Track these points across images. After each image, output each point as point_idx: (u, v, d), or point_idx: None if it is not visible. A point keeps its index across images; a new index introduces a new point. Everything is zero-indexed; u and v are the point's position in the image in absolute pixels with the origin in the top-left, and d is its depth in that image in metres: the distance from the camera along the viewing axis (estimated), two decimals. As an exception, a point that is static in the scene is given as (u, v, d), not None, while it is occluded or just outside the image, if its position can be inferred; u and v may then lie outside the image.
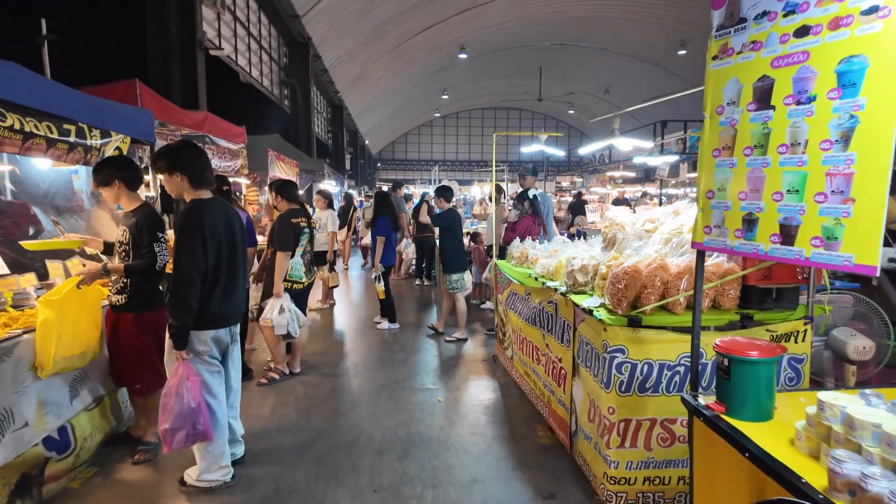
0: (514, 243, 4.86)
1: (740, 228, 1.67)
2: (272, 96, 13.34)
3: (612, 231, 3.18)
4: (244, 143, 7.23)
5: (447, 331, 6.25)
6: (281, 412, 4.16)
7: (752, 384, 1.64)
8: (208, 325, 2.94)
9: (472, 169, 38.47)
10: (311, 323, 5.02)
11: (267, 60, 12.94)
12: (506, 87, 31.21)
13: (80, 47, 8.55)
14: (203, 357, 2.96)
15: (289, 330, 4.53)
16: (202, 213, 2.87)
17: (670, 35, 20.13)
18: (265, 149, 8.07)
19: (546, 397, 3.75)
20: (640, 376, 2.69)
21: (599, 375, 2.80)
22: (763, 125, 1.58)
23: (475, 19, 19.70)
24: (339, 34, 15.56)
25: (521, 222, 5.45)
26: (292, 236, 4.66)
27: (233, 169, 6.88)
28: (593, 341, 2.90)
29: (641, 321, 2.68)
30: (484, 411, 4.15)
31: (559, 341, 3.46)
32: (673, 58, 21.69)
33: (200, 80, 7.70)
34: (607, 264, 2.96)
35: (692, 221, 3.09)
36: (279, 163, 8.45)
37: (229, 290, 3.02)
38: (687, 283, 2.72)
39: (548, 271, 3.85)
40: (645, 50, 22.97)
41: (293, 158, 10.26)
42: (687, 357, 2.69)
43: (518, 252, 4.74)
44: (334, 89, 18.62)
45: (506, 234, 5.58)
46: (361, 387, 4.70)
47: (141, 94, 4.77)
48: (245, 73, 11.43)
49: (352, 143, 24.47)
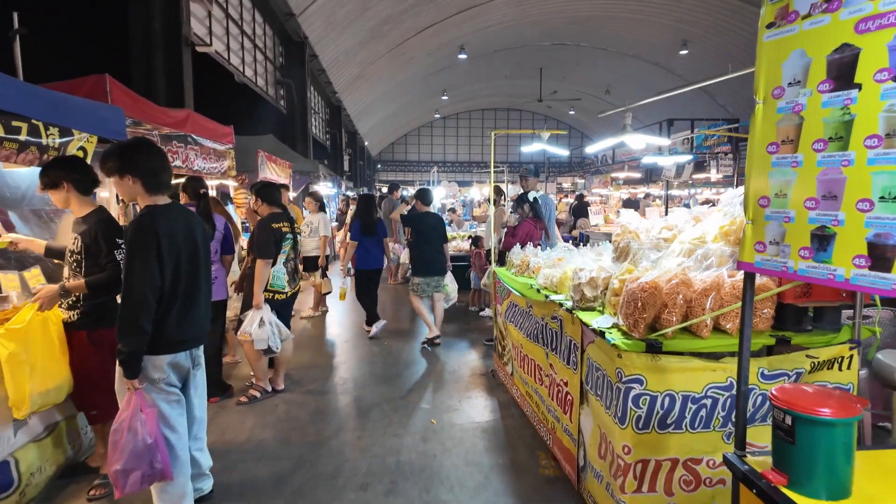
0: (514, 250, 4.46)
1: (808, 247, 1.27)
2: (267, 96, 12.95)
3: (625, 239, 2.79)
4: (232, 143, 6.84)
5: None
6: (259, 436, 3.77)
7: (824, 451, 1.25)
8: (165, 349, 2.55)
9: (472, 170, 38.07)
10: (294, 336, 4.62)
11: (261, 60, 12.54)
12: (506, 88, 30.81)
13: (58, 43, 8.17)
14: (159, 385, 2.56)
15: (269, 345, 4.14)
16: (158, 221, 2.49)
17: (672, 35, 19.73)
18: (256, 150, 7.68)
19: (550, 423, 3.35)
20: (660, 410, 2.30)
21: (613, 408, 2.40)
22: (843, 111, 1.18)
23: (475, 19, 19.32)
24: (336, 33, 15.17)
25: (521, 226, 5.06)
26: (273, 242, 4.27)
27: (219, 171, 6.49)
28: (605, 367, 2.51)
29: (662, 346, 2.29)
30: (482, 435, 3.75)
31: (565, 363, 3.07)
32: (674, 58, 21.27)
33: (186, 78, 7.31)
34: (620, 278, 2.57)
35: (716, 229, 2.71)
36: (271, 164, 8.06)
37: (189, 308, 2.63)
38: (714, 302, 2.33)
39: (551, 282, 3.46)
40: (646, 50, 22.57)
41: (287, 160, 9.88)
42: (715, 388, 2.29)
43: (518, 260, 4.34)
44: (332, 89, 18.22)
45: (505, 240, 5.19)
46: (349, 406, 4.30)
47: (111, 90, 4.37)
48: (239, 72, 11.05)
49: (350, 144, 24.07)
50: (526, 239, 4.81)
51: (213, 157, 6.43)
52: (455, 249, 7.87)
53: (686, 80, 23.76)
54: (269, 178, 8.13)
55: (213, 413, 4.11)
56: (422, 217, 5.91)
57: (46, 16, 7.98)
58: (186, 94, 7.34)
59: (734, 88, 19.95)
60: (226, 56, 10.31)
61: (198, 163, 5.95)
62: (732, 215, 2.65)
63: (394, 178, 35.73)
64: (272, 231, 4.29)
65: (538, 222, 5.15)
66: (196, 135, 5.92)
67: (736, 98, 21.15)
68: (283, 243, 4.37)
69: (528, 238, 4.85)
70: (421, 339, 6.20)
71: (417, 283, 5.85)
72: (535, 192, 5.20)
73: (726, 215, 2.69)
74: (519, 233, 4.96)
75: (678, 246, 2.58)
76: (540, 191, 5.33)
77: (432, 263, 5.79)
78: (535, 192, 5.20)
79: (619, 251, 2.81)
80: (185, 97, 7.27)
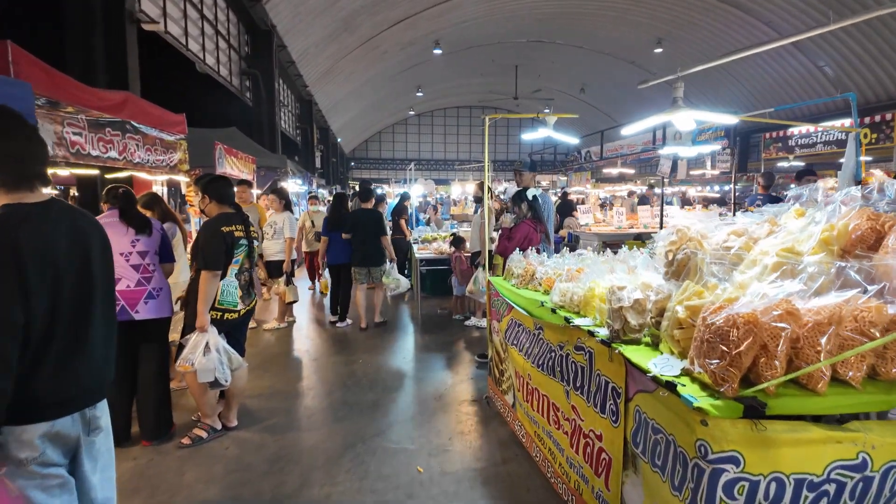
0: (513, 256, 3.69)
1: None
2: (231, 87, 11.90)
3: (685, 249, 2.05)
4: (184, 133, 5.91)
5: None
6: (201, 496, 2.92)
7: None
8: (35, 415, 1.70)
9: (450, 168, 37.28)
10: (247, 364, 3.76)
11: (225, 48, 11.50)
12: (481, 86, 30.08)
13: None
14: (29, 468, 1.71)
15: (216, 376, 3.29)
16: (20, 230, 1.64)
17: (646, 33, 19.30)
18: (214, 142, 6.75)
19: (573, 482, 2.60)
20: (762, 502, 1.56)
21: (687, 493, 1.65)
22: None
23: (449, 13, 18.53)
24: (305, 24, 14.16)
25: (519, 228, 4.31)
26: (222, 250, 3.41)
27: (167, 164, 5.56)
28: (673, 432, 1.76)
29: (766, 408, 1.55)
30: (481, 489, 2.98)
31: (597, 409, 2.32)
32: (649, 56, 20.86)
33: (131, 58, 6.31)
34: (689, 304, 1.82)
35: (811, 236, 1.99)
36: (231, 158, 7.12)
37: (76, 352, 1.78)
38: (830, 341, 1.61)
39: (571, 301, 2.70)
40: (620, 48, 22.13)
41: (252, 154, 8.93)
42: (841, 467, 1.57)
43: (521, 268, 3.57)
44: (303, 83, 17.17)
45: (500, 243, 4.43)
46: (316, 449, 3.47)
47: (15, 60, 3.43)
48: (199, 60, 10.02)
49: (323, 140, 22.99)
50: (525, 243, 4.06)
51: (159, 149, 5.51)
52: (436, 252, 7.06)
53: (660, 78, 23.40)
54: (230, 173, 7.21)
55: (145, 462, 3.24)
56: (360, 214, 6.29)
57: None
58: (131, 77, 6.36)
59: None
60: (183, 41, 9.28)
61: (139, 154, 5.03)
62: (829, 218, 1.94)
63: (368, 175, 34.66)
64: (221, 236, 3.43)
65: (538, 224, 4.40)
66: (137, 122, 4.97)
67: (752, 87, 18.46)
68: (236, 250, 3.52)
69: (528, 242, 4.11)
70: (399, 354, 5.42)
71: (355, 272, 6.29)
72: (534, 189, 4.44)
73: (816, 221, 1.96)
74: (516, 236, 4.21)
75: (765, 259, 1.85)
76: (539, 188, 4.58)
77: (366, 256, 6.20)
78: (535, 189, 4.45)
79: (677, 265, 2.08)
80: (128, 80, 6.29)
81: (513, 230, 4.30)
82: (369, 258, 6.19)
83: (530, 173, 4.93)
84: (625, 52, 22.30)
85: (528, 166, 5.45)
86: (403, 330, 6.47)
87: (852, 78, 13.98)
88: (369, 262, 6.20)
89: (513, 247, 3.94)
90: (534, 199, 4.42)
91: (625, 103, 26.45)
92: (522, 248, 3.94)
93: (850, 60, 13.66)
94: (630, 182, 13.87)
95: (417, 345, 5.82)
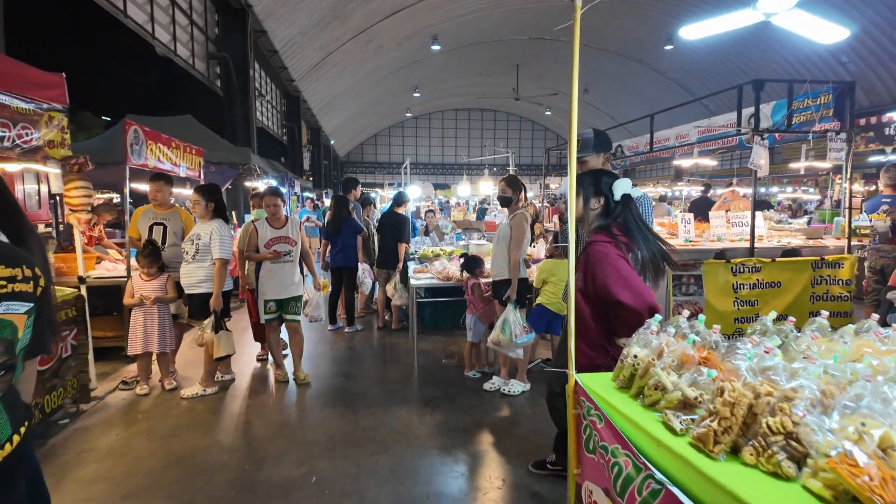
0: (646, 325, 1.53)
1: None
2: (195, 72, 9.71)
3: None
4: (64, 103, 3.74)
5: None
6: None
7: None
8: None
9: (448, 172, 35.13)
10: None
11: (186, 24, 9.33)
12: (481, 87, 27.92)
13: None
14: None
15: None
16: None
17: (656, 29, 17.17)
18: (125, 123, 4.56)
19: None
20: None
21: None
22: None
23: (448, 5, 16.41)
24: (289, 7, 11.96)
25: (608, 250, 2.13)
26: None
27: (20, 147, 3.39)
28: None
29: None
30: None
31: None
32: (659, 54, 18.74)
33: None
34: None
35: None
36: (155, 146, 4.92)
37: None
38: None
39: None
40: (628, 46, 20.06)
41: (206, 146, 6.75)
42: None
43: (641, 357, 1.41)
44: (288, 76, 14.97)
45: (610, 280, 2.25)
46: None
47: None
48: (147, 33, 7.85)
49: (313, 140, 20.76)
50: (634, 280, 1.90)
51: (4, 121, 3.34)
52: (439, 276, 4.86)
53: (670, 78, 21.34)
54: (156, 167, 5.02)
55: None
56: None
57: None
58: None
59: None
60: (120, 6, 7.10)
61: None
62: None
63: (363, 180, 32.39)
64: None
65: (631, 243, 2.23)
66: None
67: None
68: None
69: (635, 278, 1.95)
70: (385, 464, 3.26)
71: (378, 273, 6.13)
72: (626, 186, 2.27)
73: None
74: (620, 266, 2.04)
75: None
76: (636, 185, 2.37)
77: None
78: (626, 185, 2.28)
79: None
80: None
81: (598, 250, 2.11)
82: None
83: (601, 154, 2.82)
84: (632, 50, 20.25)
85: (593, 145, 3.03)
86: (390, 399, 4.06)
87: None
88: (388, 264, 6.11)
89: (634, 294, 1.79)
90: (626, 200, 2.27)
91: (629, 106, 24.37)
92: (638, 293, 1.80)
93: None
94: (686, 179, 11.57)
95: (411, 436, 3.47)
